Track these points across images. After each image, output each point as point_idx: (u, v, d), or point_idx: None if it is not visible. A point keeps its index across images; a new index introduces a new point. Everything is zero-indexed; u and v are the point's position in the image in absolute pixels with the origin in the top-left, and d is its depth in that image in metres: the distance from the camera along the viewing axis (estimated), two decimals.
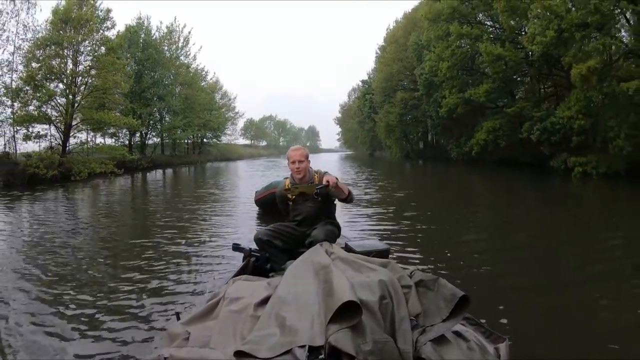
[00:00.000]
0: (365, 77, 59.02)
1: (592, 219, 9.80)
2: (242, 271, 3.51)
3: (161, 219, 9.41)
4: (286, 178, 4.40)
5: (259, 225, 7.98)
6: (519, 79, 25.93)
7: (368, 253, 3.35)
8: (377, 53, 51.43)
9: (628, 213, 10.64)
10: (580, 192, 14.84)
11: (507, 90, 25.28)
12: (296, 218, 3.88)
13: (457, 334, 2.11)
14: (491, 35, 24.95)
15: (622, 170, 16.58)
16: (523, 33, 20.67)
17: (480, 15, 26.23)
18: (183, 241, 6.84)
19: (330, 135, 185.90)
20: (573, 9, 16.25)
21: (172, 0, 60.74)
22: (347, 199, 3.76)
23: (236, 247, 3.98)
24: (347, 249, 3.60)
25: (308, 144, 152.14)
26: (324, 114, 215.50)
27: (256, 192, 10.12)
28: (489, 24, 26.37)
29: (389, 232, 7.36)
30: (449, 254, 6.04)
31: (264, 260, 3.73)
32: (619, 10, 15.82)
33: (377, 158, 54.49)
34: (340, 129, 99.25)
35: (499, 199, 14.09)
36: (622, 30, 15.32)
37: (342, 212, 3.93)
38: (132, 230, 8.60)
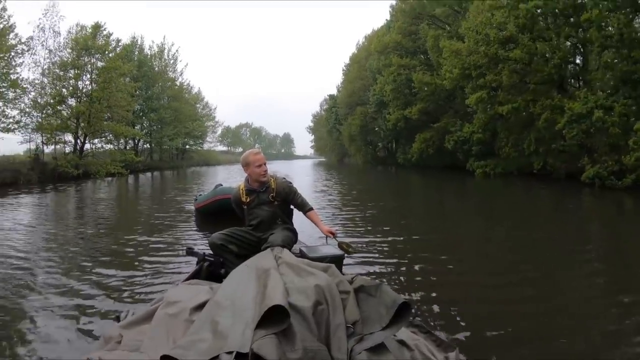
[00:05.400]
0: (338, 87, 64.74)
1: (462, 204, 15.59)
2: (194, 276, 3.44)
3: (137, 220, 10.00)
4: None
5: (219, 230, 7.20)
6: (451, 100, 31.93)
7: (322, 259, 3.21)
8: (343, 70, 58.12)
9: (488, 196, 16.68)
10: (476, 186, 20.57)
11: (447, 107, 31.23)
12: (252, 222, 3.81)
13: (402, 342, 2.08)
14: (426, 66, 31.06)
15: (514, 170, 22.58)
16: None
17: (419, 47, 32.33)
18: (146, 242, 6.90)
19: (304, 142, 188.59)
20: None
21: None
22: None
23: (190, 251, 3.88)
24: (301, 254, 3.48)
25: (283, 151, 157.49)
26: (298, 120, 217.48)
27: (196, 198, 9.63)
28: (424, 56, 32.33)
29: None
30: (402, 252, 6.20)
31: (218, 265, 3.68)
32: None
33: (344, 164, 59.74)
34: (313, 137, 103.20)
35: (414, 190, 20.11)
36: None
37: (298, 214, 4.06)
38: (107, 229, 8.67)
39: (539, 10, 18.90)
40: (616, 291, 4.54)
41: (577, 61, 20.86)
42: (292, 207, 4.02)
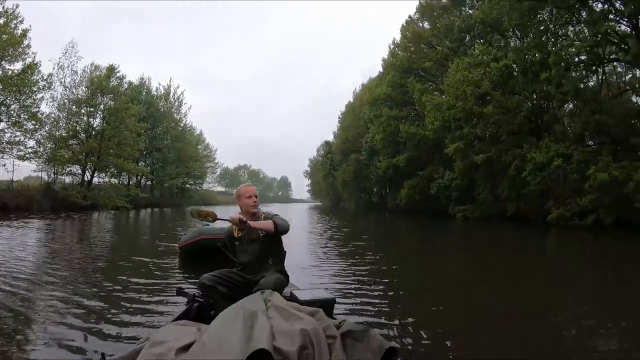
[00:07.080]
0: (334, 133, 67.66)
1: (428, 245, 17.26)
2: (183, 316, 3.38)
3: (132, 254, 9.78)
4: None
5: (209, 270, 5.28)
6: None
7: (312, 303, 3.18)
8: (339, 117, 61.37)
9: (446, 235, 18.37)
10: (457, 229, 21.81)
11: (433, 156, 33.24)
12: (242, 260, 3.75)
13: None
14: (415, 116, 33.42)
15: (491, 214, 24.16)
16: None
17: (408, 99, 34.67)
18: (135, 281, 6.77)
19: (301, 186, 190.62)
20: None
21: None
22: (277, 232, 3.66)
23: (180, 292, 3.88)
24: (292, 298, 3.42)
25: (280, 194, 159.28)
26: (296, 164, 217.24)
27: (180, 238, 9.42)
28: (413, 107, 34.53)
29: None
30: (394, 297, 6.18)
31: (208, 307, 3.60)
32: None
33: (339, 209, 61.14)
34: (309, 181, 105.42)
35: (400, 234, 21.78)
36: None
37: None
38: (102, 262, 8.91)
39: (509, 68, 21.30)
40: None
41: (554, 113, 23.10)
42: (284, 249, 3.95)
